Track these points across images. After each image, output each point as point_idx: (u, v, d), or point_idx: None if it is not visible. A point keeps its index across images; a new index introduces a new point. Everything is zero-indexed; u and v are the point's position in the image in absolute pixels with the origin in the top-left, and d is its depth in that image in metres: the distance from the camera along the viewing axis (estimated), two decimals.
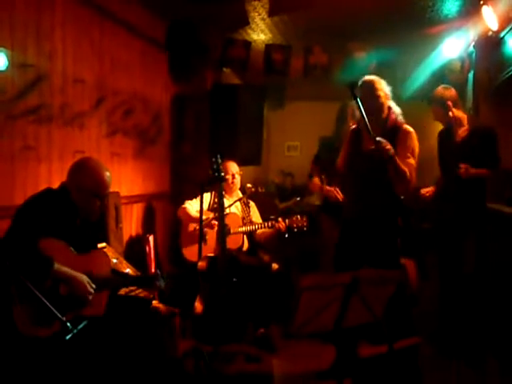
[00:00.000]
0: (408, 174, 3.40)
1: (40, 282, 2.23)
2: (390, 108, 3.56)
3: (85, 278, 2.59)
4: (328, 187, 3.93)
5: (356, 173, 3.61)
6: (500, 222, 4.05)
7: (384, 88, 3.56)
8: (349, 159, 3.68)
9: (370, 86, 3.52)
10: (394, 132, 3.50)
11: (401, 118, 3.58)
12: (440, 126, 4.45)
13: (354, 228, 3.56)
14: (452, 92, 4.24)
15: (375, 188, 3.48)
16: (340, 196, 3.73)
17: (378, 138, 3.32)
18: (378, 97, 3.50)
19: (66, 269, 2.52)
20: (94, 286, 2.61)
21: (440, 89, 4.29)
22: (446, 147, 4.30)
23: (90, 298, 2.60)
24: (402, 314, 3.26)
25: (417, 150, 3.52)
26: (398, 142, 3.46)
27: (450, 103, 4.18)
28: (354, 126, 3.78)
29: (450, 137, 4.26)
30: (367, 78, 3.59)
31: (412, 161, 3.47)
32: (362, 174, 3.55)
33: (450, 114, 4.19)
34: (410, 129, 3.55)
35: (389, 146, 3.31)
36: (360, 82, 3.52)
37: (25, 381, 2.42)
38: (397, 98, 3.70)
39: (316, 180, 4.50)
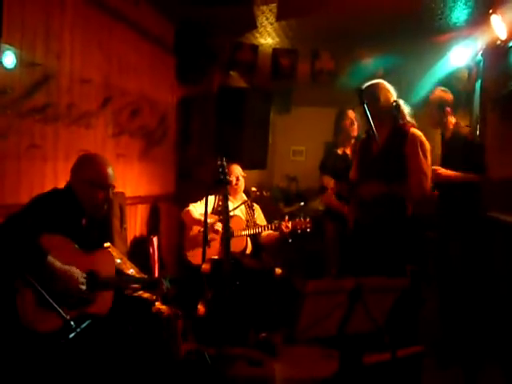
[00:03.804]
0: (414, 189, 3.33)
1: (35, 273, 2.23)
2: (394, 109, 3.46)
3: (77, 273, 2.58)
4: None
5: (366, 178, 3.53)
6: (506, 232, 4.03)
7: (390, 90, 3.51)
8: (360, 166, 3.63)
9: (374, 89, 3.49)
10: (401, 137, 3.43)
11: (409, 120, 3.49)
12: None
13: (363, 234, 3.51)
14: (450, 96, 4.24)
15: (383, 194, 3.39)
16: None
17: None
18: (383, 100, 3.45)
19: (59, 263, 2.52)
20: (84, 281, 2.60)
21: (438, 91, 4.28)
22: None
23: (83, 288, 2.59)
24: (407, 321, 3.24)
25: (428, 154, 3.42)
26: (406, 148, 3.38)
27: (448, 109, 4.19)
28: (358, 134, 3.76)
29: (442, 141, 4.31)
30: (371, 82, 3.56)
31: (424, 169, 3.37)
32: (371, 180, 3.46)
33: (446, 120, 4.19)
34: (418, 132, 3.45)
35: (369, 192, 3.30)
36: (364, 87, 3.47)
37: (26, 377, 2.43)
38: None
39: (330, 196, 4.52)
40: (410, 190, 3.35)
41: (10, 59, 3.08)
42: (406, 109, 3.53)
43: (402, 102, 3.52)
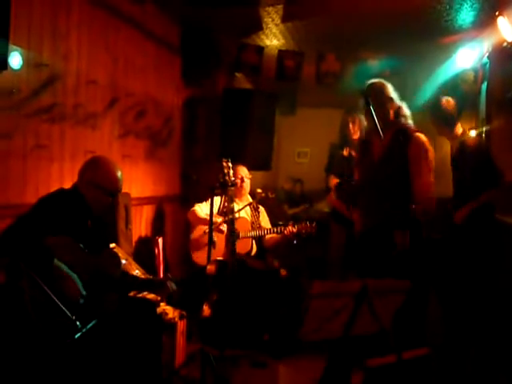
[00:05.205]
0: (418, 192, 3.24)
1: (42, 274, 2.23)
2: (397, 112, 3.40)
3: (78, 282, 2.57)
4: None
5: (366, 183, 3.48)
6: None
7: (390, 91, 3.41)
8: (360, 170, 3.58)
9: (375, 89, 3.40)
10: (404, 139, 3.33)
11: (410, 123, 3.43)
12: None
13: (365, 240, 3.45)
14: (453, 104, 4.18)
15: (385, 199, 3.34)
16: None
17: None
18: (384, 100, 3.37)
19: (64, 266, 2.52)
20: (84, 295, 2.59)
21: (444, 101, 4.19)
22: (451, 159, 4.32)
23: (81, 301, 2.58)
24: (413, 324, 3.22)
25: (432, 159, 3.33)
26: (410, 152, 3.29)
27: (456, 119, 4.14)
28: (359, 137, 3.71)
29: (451, 148, 4.27)
30: (371, 81, 3.47)
31: (428, 176, 3.29)
32: (372, 185, 3.42)
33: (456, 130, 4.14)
34: (423, 137, 3.35)
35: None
36: (366, 88, 3.41)
37: (32, 376, 2.43)
38: (408, 107, 3.59)
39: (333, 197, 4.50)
40: (414, 194, 3.26)
41: (16, 60, 3.10)
42: (408, 112, 3.45)
43: (404, 105, 3.45)
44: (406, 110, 3.46)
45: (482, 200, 3.97)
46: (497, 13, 4.46)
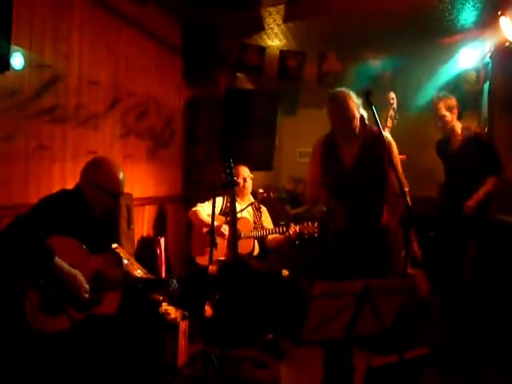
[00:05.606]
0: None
1: (42, 274, 2.24)
2: (362, 117, 3.40)
3: (82, 280, 2.58)
4: None
5: (345, 188, 3.41)
6: None
7: (354, 98, 3.39)
8: (331, 174, 3.48)
9: (340, 97, 3.39)
10: (374, 140, 3.34)
11: (373, 126, 3.39)
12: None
13: (349, 241, 3.40)
14: (453, 101, 4.23)
15: (367, 201, 3.34)
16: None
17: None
18: (350, 107, 3.35)
19: (65, 265, 2.52)
20: (87, 286, 2.60)
21: (438, 99, 4.26)
22: (445, 156, 4.32)
23: (86, 296, 2.59)
24: (409, 324, 3.22)
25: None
26: (388, 152, 3.25)
27: (455, 111, 4.20)
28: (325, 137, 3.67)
29: (448, 145, 4.28)
30: (336, 90, 3.46)
31: (400, 171, 3.34)
32: (351, 190, 3.38)
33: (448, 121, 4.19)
34: (387, 134, 3.45)
35: None
36: (329, 96, 3.42)
37: (33, 376, 2.43)
38: (409, 107, 3.59)
39: None
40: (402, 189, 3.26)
41: (18, 61, 3.10)
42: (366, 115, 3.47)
43: (363, 110, 3.45)
44: (365, 113, 3.44)
45: (487, 188, 3.99)
46: (499, 12, 4.47)
